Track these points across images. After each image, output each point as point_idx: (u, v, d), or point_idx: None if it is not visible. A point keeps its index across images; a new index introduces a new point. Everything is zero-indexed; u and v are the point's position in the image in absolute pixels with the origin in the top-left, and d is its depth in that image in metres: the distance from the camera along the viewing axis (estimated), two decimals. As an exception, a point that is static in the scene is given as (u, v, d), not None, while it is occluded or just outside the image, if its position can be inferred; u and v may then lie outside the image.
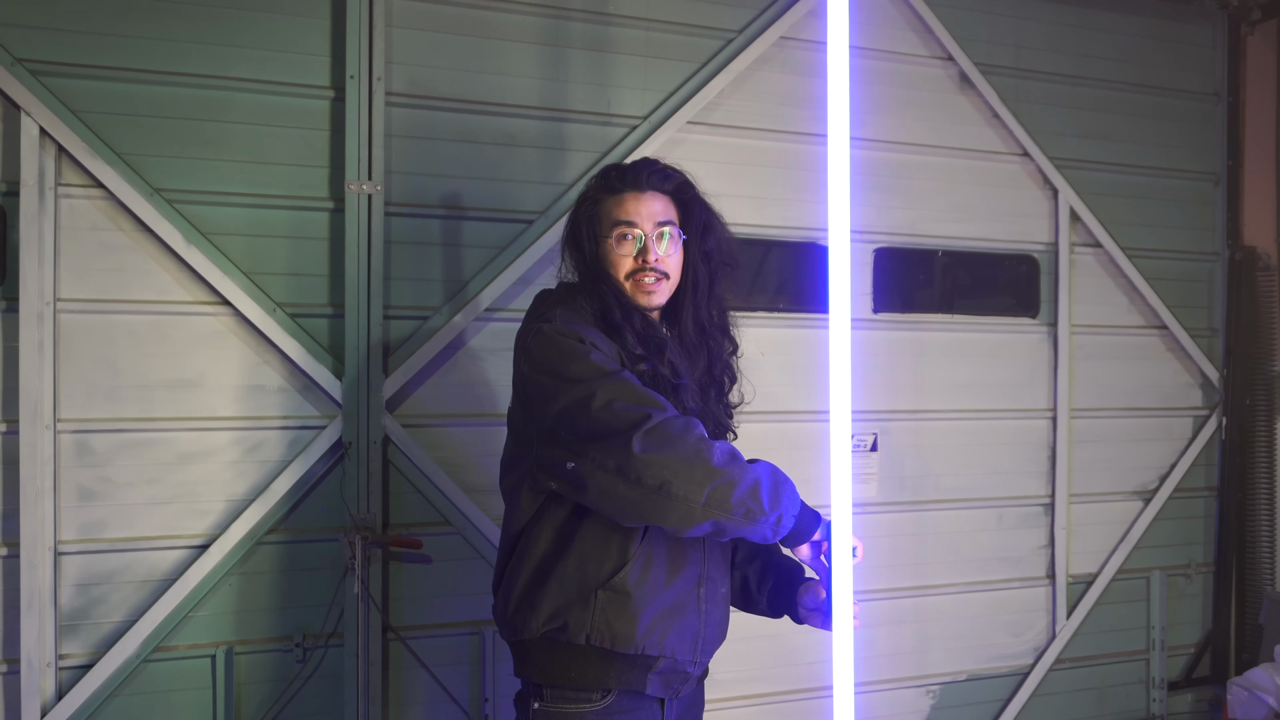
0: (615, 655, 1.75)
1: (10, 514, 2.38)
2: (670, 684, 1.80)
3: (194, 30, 2.49)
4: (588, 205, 1.87)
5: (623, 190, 1.84)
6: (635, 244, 1.81)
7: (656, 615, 1.75)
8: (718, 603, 1.84)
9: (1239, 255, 3.65)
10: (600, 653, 1.75)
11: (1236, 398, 3.65)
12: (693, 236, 1.87)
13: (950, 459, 3.28)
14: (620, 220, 1.82)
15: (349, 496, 2.59)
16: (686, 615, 1.78)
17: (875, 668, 3.18)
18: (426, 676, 2.60)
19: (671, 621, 1.76)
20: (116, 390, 2.45)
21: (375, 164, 2.61)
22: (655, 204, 1.84)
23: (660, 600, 1.75)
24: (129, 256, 2.46)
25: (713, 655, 1.87)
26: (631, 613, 1.73)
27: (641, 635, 1.74)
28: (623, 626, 1.73)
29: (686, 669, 1.80)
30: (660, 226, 1.83)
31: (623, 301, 1.82)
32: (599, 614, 1.73)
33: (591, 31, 2.85)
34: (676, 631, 1.77)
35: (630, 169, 1.88)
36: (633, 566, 1.73)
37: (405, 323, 2.67)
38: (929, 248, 3.25)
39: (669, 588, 1.76)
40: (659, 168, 1.88)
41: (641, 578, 1.74)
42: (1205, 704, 3.67)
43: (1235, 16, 3.65)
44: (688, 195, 1.89)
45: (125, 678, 2.45)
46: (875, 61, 3.16)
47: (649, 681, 1.77)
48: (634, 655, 1.75)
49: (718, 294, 1.91)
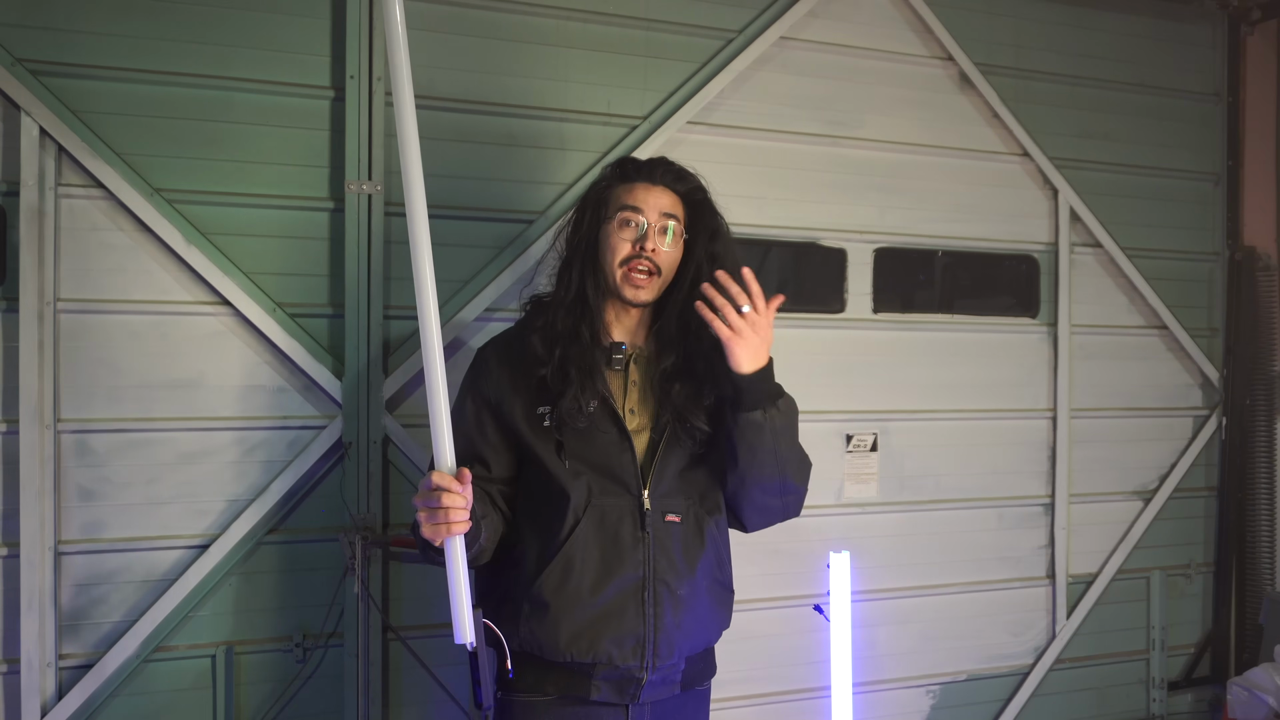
0: (548, 662, 1.76)
1: (10, 514, 2.38)
2: (623, 689, 1.79)
3: (194, 30, 2.49)
4: (598, 189, 1.90)
5: (635, 180, 1.87)
6: (637, 230, 1.82)
7: (584, 622, 1.74)
8: (673, 605, 1.80)
9: (1239, 255, 3.65)
10: (534, 659, 1.77)
11: (1236, 398, 3.65)
12: (699, 239, 1.88)
13: (950, 459, 3.28)
14: (627, 205, 1.83)
15: (349, 496, 2.59)
16: (626, 619, 1.76)
17: (875, 668, 3.17)
18: (426, 676, 2.60)
19: (604, 627, 1.74)
20: (116, 390, 2.45)
21: (375, 164, 2.61)
22: (664, 198, 1.86)
23: (585, 606, 1.74)
24: (129, 256, 2.46)
25: (678, 658, 1.82)
26: (552, 621, 1.74)
27: (566, 643, 1.74)
28: (545, 634, 1.74)
29: (634, 674, 1.77)
30: (664, 219, 1.83)
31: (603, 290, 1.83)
32: (524, 623, 1.75)
33: (591, 31, 2.84)
34: (613, 637, 1.75)
35: (647, 163, 1.90)
36: (549, 574, 1.73)
37: (405, 323, 2.67)
38: (929, 248, 3.25)
39: (597, 593, 1.74)
40: (675, 168, 1.90)
41: (559, 585, 1.73)
42: (1205, 704, 3.67)
43: (1235, 16, 3.65)
44: (698, 199, 1.90)
45: (125, 678, 2.45)
46: (875, 61, 3.16)
47: (593, 687, 1.77)
48: (566, 663, 1.75)
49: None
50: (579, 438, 1.78)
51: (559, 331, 1.81)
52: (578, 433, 1.78)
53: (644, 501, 1.79)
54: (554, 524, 1.76)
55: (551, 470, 1.77)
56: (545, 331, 1.82)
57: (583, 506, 1.76)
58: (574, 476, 1.77)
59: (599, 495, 1.77)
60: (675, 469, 1.83)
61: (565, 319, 1.82)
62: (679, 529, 1.82)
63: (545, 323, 1.84)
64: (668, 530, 1.80)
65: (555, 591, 1.74)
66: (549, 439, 1.78)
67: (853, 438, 3.16)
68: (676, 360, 1.86)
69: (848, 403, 3.14)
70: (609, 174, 1.91)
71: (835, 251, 3.12)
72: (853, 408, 3.15)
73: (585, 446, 1.78)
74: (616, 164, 1.92)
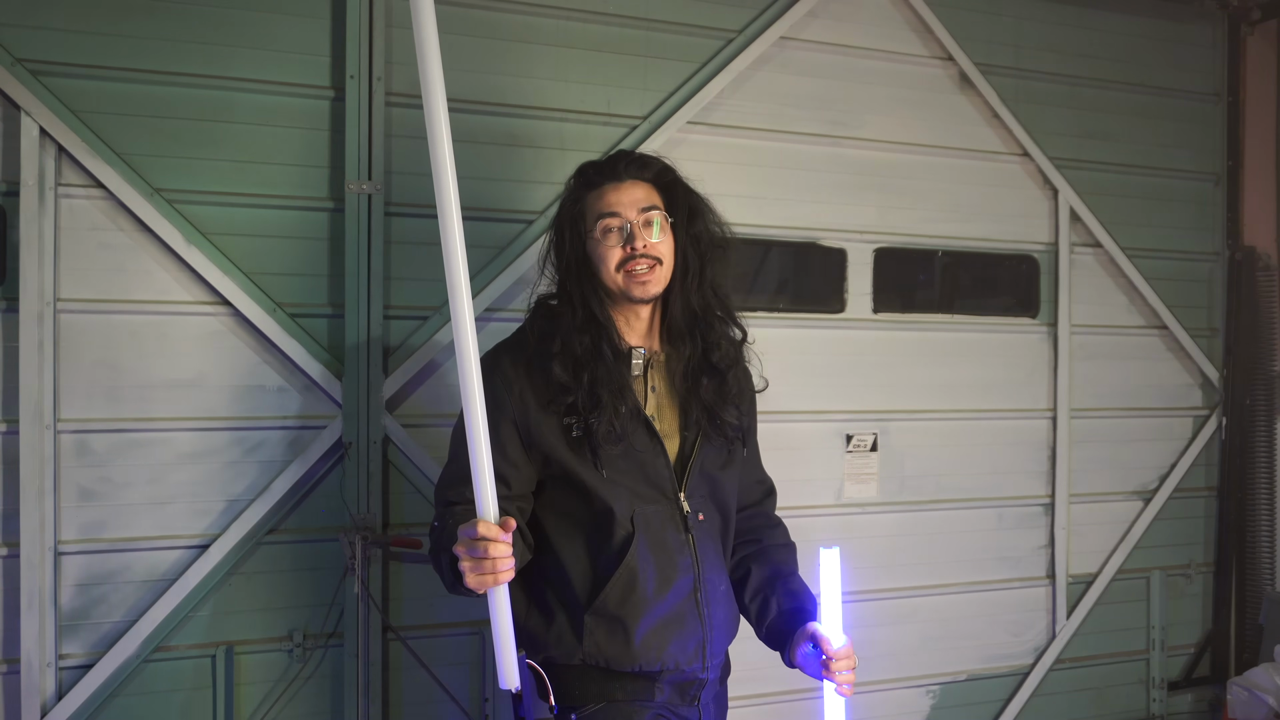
0: (614, 673, 1.75)
1: (10, 514, 2.38)
2: (685, 691, 1.79)
3: (194, 30, 2.49)
4: (569, 205, 1.84)
5: (602, 183, 1.81)
6: (621, 234, 1.77)
7: (650, 630, 1.73)
8: (719, 603, 1.81)
9: (1239, 255, 3.65)
10: (599, 671, 1.75)
11: (1236, 398, 3.65)
12: (679, 221, 1.83)
13: (950, 459, 3.28)
14: (604, 212, 1.78)
15: (349, 496, 2.59)
16: (686, 623, 1.76)
17: (875, 668, 3.17)
18: (426, 676, 2.60)
19: (668, 633, 1.74)
20: (116, 390, 2.45)
21: (375, 164, 2.61)
22: (637, 192, 1.80)
23: (652, 615, 1.73)
24: (129, 256, 2.46)
25: (724, 654, 1.85)
26: (622, 633, 1.72)
27: (637, 654, 1.73)
28: (614, 648, 1.73)
29: (698, 675, 1.78)
30: (645, 213, 1.78)
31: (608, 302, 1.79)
32: (588, 638, 1.73)
33: (591, 31, 2.84)
34: (677, 643, 1.75)
35: (606, 162, 1.85)
36: (613, 588, 1.72)
37: (405, 323, 2.67)
38: (929, 248, 3.25)
39: (660, 601, 1.74)
40: (634, 156, 1.86)
41: (624, 597, 1.72)
42: (1205, 704, 3.67)
43: (1235, 16, 3.65)
44: (668, 179, 1.85)
45: (125, 678, 2.45)
46: (875, 61, 3.16)
47: (657, 691, 1.76)
48: (633, 672, 1.74)
49: (709, 279, 1.86)
50: (613, 449, 1.75)
51: (580, 356, 1.75)
52: (613, 450, 1.75)
53: (682, 504, 1.78)
54: (604, 538, 1.74)
55: (590, 484, 1.74)
56: (565, 357, 1.76)
57: (629, 517, 1.74)
58: (613, 487, 1.74)
59: (640, 503, 1.75)
60: (701, 469, 1.82)
61: (582, 339, 1.76)
62: (708, 527, 1.83)
63: (562, 348, 1.77)
64: (703, 529, 1.81)
65: (620, 604, 1.72)
66: (583, 453, 1.74)
67: (853, 438, 3.16)
68: (694, 352, 1.83)
69: (848, 403, 3.14)
70: (574, 186, 1.86)
71: (835, 251, 3.12)
72: (853, 408, 3.15)
73: (620, 457, 1.75)
74: (577, 174, 1.87)
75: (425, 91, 1.46)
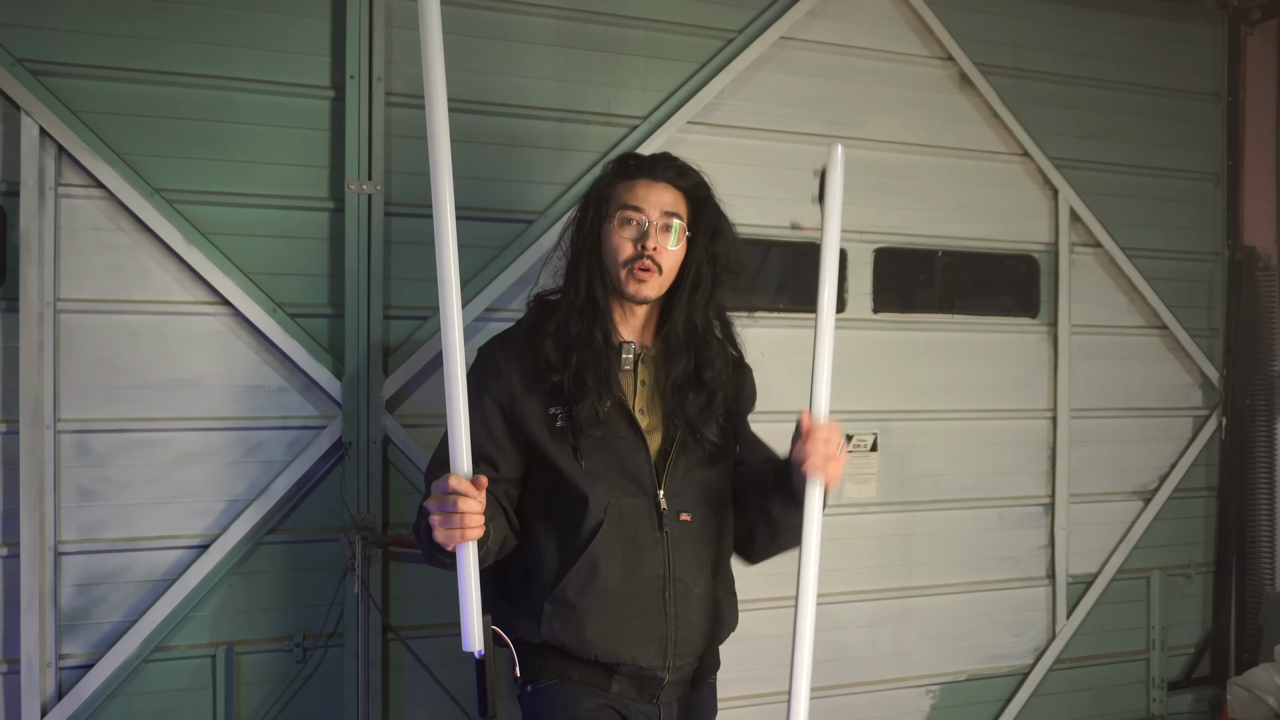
0: (572, 657, 1.76)
1: (10, 514, 2.38)
2: (643, 688, 1.79)
3: (194, 30, 2.49)
4: (600, 186, 1.88)
5: (637, 176, 1.84)
6: (638, 229, 1.79)
7: (610, 624, 1.74)
8: (692, 605, 1.80)
9: (1239, 255, 3.65)
10: (557, 651, 1.77)
11: (1236, 398, 3.65)
12: (700, 237, 1.86)
13: (950, 459, 3.28)
14: (628, 204, 1.81)
15: (349, 496, 2.59)
16: (648, 620, 1.76)
17: (875, 668, 3.18)
18: (426, 676, 2.60)
19: (628, 628, 1.75)
20: (116, 390, 2.45)
21: (375, 164, 2.61)
22: (666, 195, 1.83)
23: (610, 608, 1.74)
24: (129, 256, 2.46)
25: (694, 657, 1.83)
26: (577, 622, 1.73)
27: (591, 644, 1.73)
28: (570, 636, 1.74)
29: (655, 674, 1.78)
30: (667, 217, 1.81)
31: (605, 288, 1.81)
32: (546, 624, 1.75)
33: (592, 31, 2.84)
34: (636, 639, 1.75)
35: (649, 159, 1.88)
36: (574, 576, 1.73)
37: (405, 323, 2.67)
38: (929, 248, 3.25)
39: (621, 594, 1.74)
40: (677, 163, 1.88)
41: (584, 587, 1.73)
42: (1205, 704, 3.67)
43: (1235, 16, 3.65)
44: (701, 195, 1.88)
45: (125, 678, 2.45)
46: (875, 61, 3.16)
47: (614, 683, 1.77)
48: (589, 659, 1.76)
49: (717, 299, 1.89)
50: (594, 439, 1.77)
51: (573, 336, 1.78)
52: (593, 435, 1.77)
53: (660, 501, 1.79)
54: (574, 526, 1.75)
55: (568, 473, 1.76)
56: (558, 336, 1.79)
57: (602, 508, 1.75)
58: (591, 478, 1.76)
59: (616, 496, 1.76)
60: (685, 469, 1.83)
61: (578, 323, 1.79)
62: (692, 528, 1.82)
63: (557, 327, 1.80)
64: (683, 529, 1.80)
65: (580, 593, 1.73)
66: (564, 441, 1.77)
67: (852, 438, 3.16)
68: (686, 367, 1.85)
69: (848, 403, 3.14)
70: (611, 171, 1.89)
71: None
72: (853, 408, 3.15)
73: (600, 448, 1.77)
74: (618, 160, 1.90)
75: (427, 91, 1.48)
